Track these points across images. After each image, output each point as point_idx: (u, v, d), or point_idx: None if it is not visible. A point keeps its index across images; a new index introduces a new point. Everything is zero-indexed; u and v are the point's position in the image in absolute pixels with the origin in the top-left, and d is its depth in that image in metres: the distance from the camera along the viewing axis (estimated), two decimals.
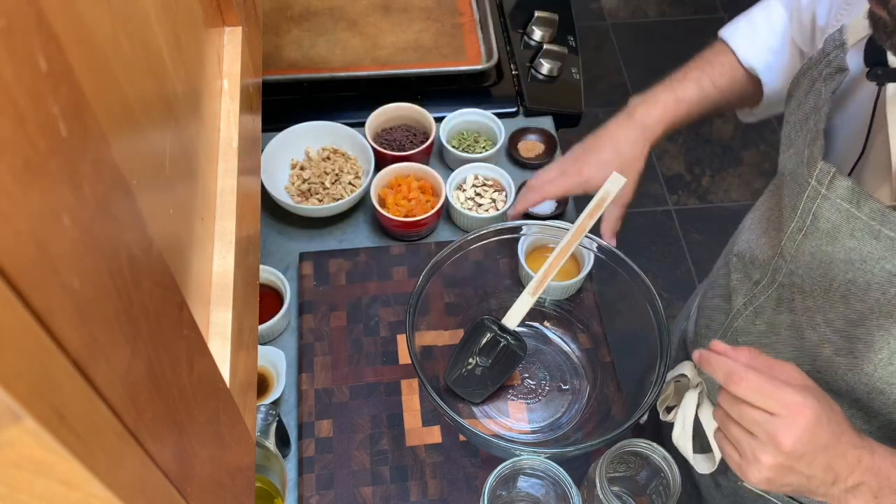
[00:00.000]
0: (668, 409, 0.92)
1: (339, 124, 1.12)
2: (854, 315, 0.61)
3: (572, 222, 0.89)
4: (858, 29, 0.61)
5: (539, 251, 0.98)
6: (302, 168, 1.11)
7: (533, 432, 0.91)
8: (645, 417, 0.94)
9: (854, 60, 0.61)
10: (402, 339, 0.99)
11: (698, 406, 0.84)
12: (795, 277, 0.66)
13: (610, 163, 0.84)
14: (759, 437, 0.56)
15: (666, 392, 0.91)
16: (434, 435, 0.92)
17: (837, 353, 0.64)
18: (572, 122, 1.27)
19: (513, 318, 0.89)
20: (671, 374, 0.89)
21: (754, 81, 0.88)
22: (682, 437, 0.85)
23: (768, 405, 0.56)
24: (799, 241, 0.62)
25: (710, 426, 0.83)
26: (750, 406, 0.57)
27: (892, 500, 0.57)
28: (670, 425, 0.92)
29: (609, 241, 0.89)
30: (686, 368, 0.87)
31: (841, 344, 0.63)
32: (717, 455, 0.82)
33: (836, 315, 0.63)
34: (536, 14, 1.31)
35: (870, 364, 0.62)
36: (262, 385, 0.93)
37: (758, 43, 0.86)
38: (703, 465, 0.84)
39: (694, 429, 0.84)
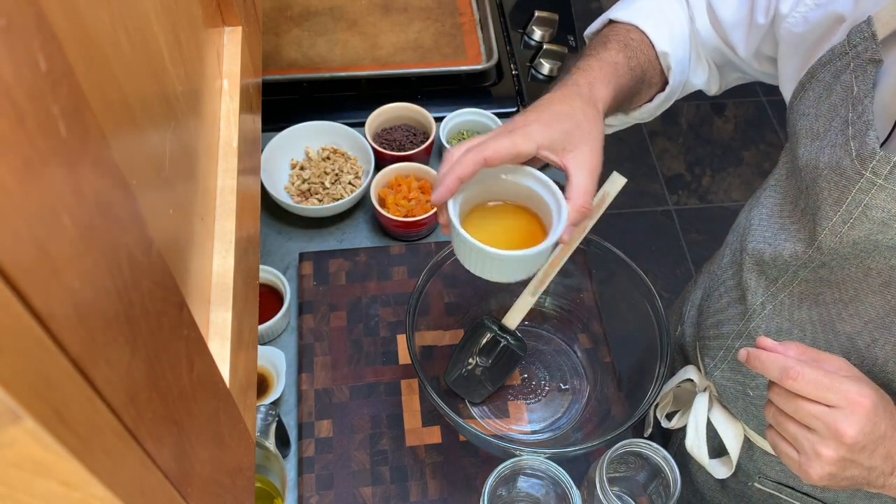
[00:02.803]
0: (668, 417, 0.92)
1: (339, 124, 1.12)
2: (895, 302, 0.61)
3: None
4: (888, 20, 0.59)
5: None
6: (302, 168, 1.11)
7: (533, 432, 0.91)
8: (650, 430, 0.94)
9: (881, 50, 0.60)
10: (402, 339, 0.99)
11: (709, 410, 0.84)
12: (824, 271, 0.65)
13: (568, 130, 0.64)
14: (819, 430, 0.56)
15: (665, 399, 0.91)
16: (434, 435, 0.92)
17: (874, 344, 0.63)
18: None
19: (513, 318, 0.89)
20: (674, 381, 0.89)
21: (659, 71, 0.79)
22: (697, 444, 0.84)
23: (827, 398, 0.55)
24: (843, 232, 0.61)
25: (725, 429, 0.82)
26: (807, 400, 0.56)
27: None
28: (675, 431, 0.92)
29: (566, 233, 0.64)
30: (691, 373, 0.86)
31: (878, 335, 0.63)
32: (734, 458, 0.81)
33: (871, 305, 0.62)
34: (536, 14, 1.31)
35: None
36: (262, 385, 0.93)
37: (668, 29, 0.77)
38: (720, 470, 0.84)
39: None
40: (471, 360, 0.90)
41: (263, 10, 0.84)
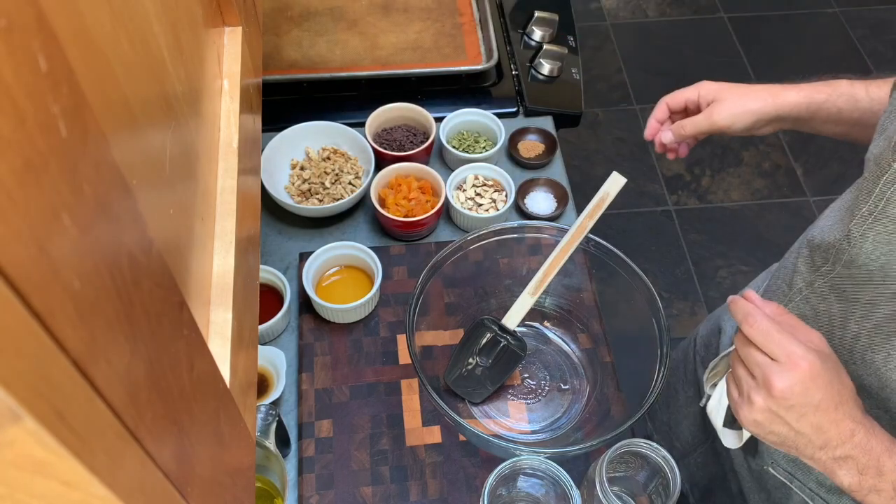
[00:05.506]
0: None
1: (339, 124, 1.12)
2: None
3: (572, 223, 0.89)
4: None
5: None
6: (302, 168, 1.11)
7: (533, 432, 0.91)
8: (705, 401, 0.94)
9: None
10: (402, 339, 0.99)
11: None
12: (854, 268, 0.66)
13: (724, 97, 0.85)
14: (757, 378, 0.59)
15: (717, 367, 0.91)
16: (434, 435, 0.92)
17: (870, 348, 0.64)
18: (572, 122, 1.27)
19: (513, 318, 0.89)
20: (727, 350, 0.89)
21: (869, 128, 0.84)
22: (716, 409, 0.85)
23: (772, 350, 0.58)
24: (867, 224, 0.62)
25: None
26: (756, 349, 0.59)
27: (873, 482, 0.58)
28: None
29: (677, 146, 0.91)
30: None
31: (876, 340, 0.64)
32: (746, 432, 0.82)
33: (881, 311, 0.63)
34: (536, 14, 1.31)
35: None
36: (262, 385, 0.93)
37: None
38: (729, 439, 0.85)
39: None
40: (471, 360, 0.90)
41: (263, 10, 0.84)
